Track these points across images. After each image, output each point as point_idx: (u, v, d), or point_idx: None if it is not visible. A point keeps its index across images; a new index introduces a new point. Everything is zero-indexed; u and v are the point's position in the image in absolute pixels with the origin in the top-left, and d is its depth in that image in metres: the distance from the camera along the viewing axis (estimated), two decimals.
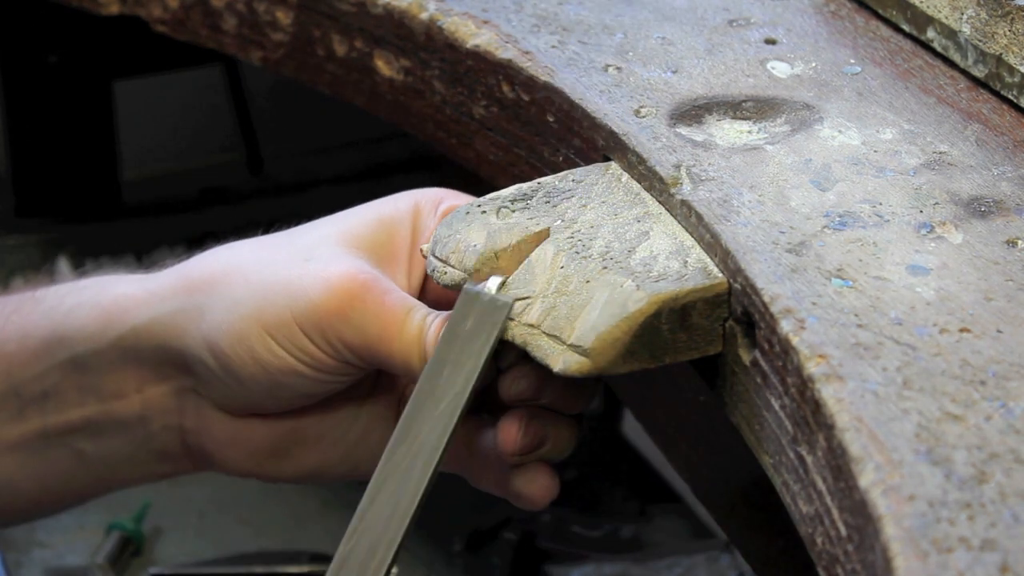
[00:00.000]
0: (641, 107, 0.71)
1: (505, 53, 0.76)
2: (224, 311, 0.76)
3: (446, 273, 0.69)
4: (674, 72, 0.74)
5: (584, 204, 0.68)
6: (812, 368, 0.57)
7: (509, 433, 0.73)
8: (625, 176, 0.69)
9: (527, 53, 0.75)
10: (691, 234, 0.65)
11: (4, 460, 0.80)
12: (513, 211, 0.69)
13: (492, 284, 0.69)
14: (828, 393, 0.56)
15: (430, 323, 0.73)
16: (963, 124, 0.71)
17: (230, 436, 0.78)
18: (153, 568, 1.07)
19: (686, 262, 0.64)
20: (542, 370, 0.69)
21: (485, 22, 0.78)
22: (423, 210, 0.79)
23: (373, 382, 0.80)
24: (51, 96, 1.27)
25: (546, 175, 0.71)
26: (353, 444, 0.80)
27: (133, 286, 0.79)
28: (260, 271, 0.77)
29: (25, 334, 0.79)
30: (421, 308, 0.74)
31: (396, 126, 0.84)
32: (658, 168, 0.68)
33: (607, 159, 0.71)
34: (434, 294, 0.79)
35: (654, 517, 1.15)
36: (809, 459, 0.58)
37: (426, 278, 0.78)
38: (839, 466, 0.55)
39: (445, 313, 0.73)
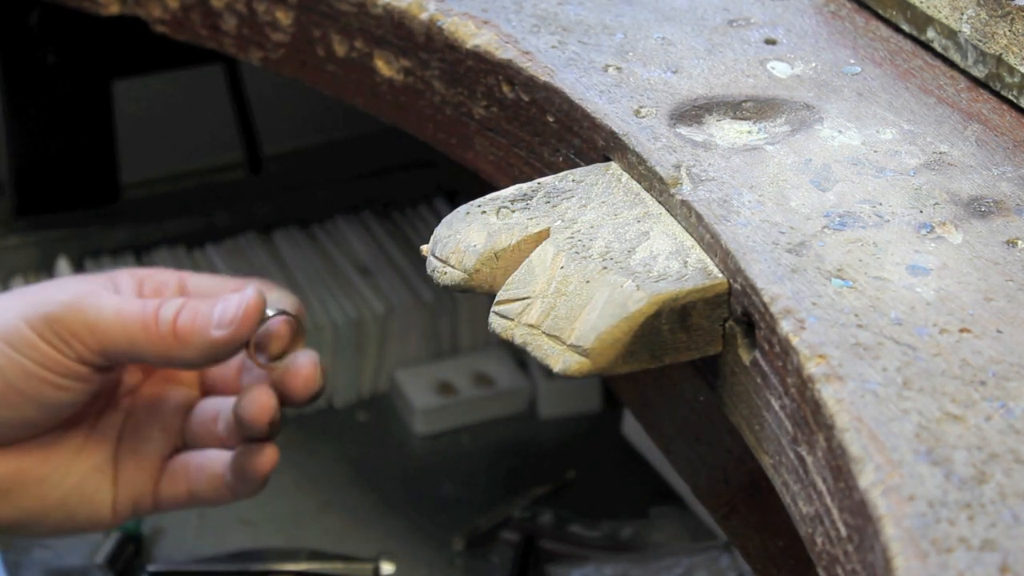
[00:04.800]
0: (641, 107, 0.72)
1: (505, 53, 0.76)
2: None
3: (446, 273, 0.69)
4: (674, 72, 0.74)
5: (584, 204, 0.68)
6: (812, 368, 0.57)
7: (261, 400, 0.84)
8: (625, 176, 0.70)
9: (527, 53, 0.75)
10: (691, 234, 0.65)
11: None
12: (513, 211, 0.69)
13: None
14: (828, 393, 0.56)
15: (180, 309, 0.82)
16: (963, 124, 0.71)
17: None
18: (151, 566, 1.07)
19: (686, 262, 0.64)
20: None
21: (485, 22, 0.78)
22: (117, 276, 0.87)
23: (89, 429, 0.87)
24: (50, 96, 1.27)
25: (546, 175, 0.71)
26: (71, 489, 0.86)
27: None
28: None
29: None
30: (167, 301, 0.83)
31: (396, 126, 0.84)
32: (658, 168, 0.68)
33: (607, 159, 0.71)
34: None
35: (654, 517, 1.15)
36: (809, 459, 0.58)
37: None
38: (839, 466, 0.55)
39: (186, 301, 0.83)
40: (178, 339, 0.81)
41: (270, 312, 0.85)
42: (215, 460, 0.88)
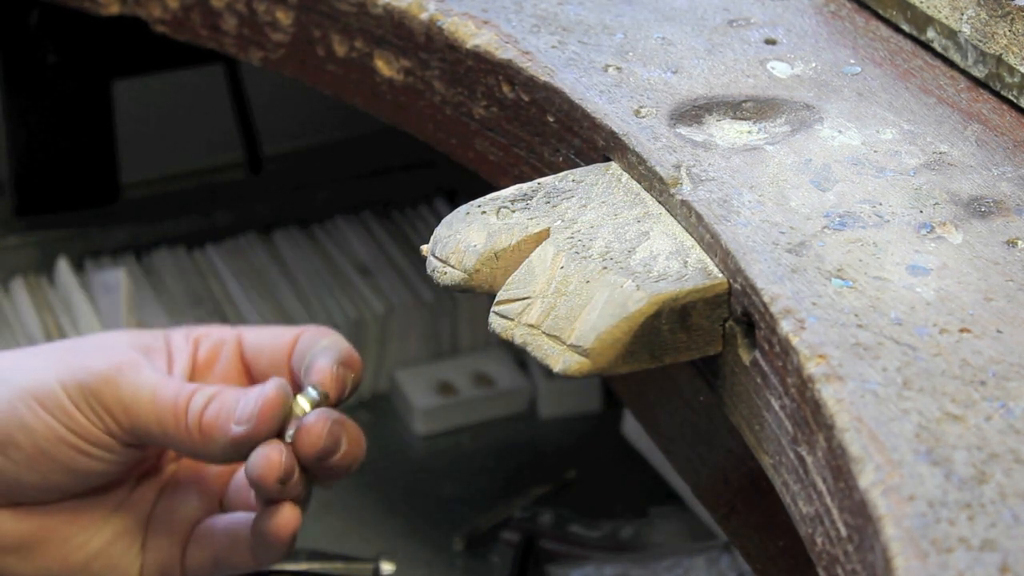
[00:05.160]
0: (641, 107, 0.72)
1: (505, 53, 0.76)
2: None
3: (446, 273, 0.69)
4: (674, 72, 0.74)
5: (584, 204, 0.68)
6: (812, 368, 0.57)
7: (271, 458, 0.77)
8: (625, 176, 0.70)
9: (527, 53, 0.75)
10: (691, 234, 0.65)
11: None
12: (513, 211, 0.69)
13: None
14: (828, 393, 0.56)
15: (210, 398, 0.78)
16: (963, 124, 0.71)
17: None
18: None
19: (686, 262, 0.64)
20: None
21: (485, 22, 0.78)
22: (172, 336, 0.83)
23: (126, 495, 0.83)
24: (51, 96, 1.27)
25: (546, 175, 0.71)
26: (96, 552, 0.82)
27: None
28: (25, 359, 0.81)
29: None
30: (203, 387, 0.78)
31: (396, 126, 0.84)
32: (658, 168, 0.68)
33: (607, 159, 0.71)
34: None
35: (654, 517, 1.15)
36: (809, 459, 0.58)
37: None
38: (839, 466, 0.55)
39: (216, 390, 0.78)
40: (203, 434, 0.77)
41: (304, 402, 0.78)
42: (240, 523, 0.82)
